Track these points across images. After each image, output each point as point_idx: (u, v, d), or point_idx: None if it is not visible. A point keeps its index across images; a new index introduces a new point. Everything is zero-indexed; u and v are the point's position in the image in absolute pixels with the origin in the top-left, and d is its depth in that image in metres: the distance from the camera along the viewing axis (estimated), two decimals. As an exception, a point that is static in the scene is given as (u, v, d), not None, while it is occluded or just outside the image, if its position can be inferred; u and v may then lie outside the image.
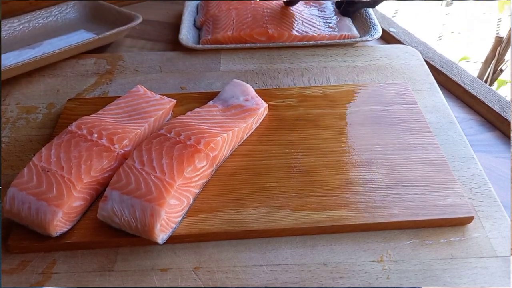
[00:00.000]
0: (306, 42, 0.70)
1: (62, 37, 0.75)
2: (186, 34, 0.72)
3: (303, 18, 0.75)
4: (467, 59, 1.61)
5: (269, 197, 0.46)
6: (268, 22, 0.71)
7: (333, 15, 0.79)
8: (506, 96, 0.63)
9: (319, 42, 0.70)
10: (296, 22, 0.73)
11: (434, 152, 0.51)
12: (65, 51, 0.66)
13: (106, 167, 0.46)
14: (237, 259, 0.43)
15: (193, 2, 0.82)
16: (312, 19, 0.75)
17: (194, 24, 0.78)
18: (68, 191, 0.43)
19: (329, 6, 0.81)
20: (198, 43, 0.73)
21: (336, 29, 0.73)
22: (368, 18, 0.75)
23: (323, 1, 0.82)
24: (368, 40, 0.71)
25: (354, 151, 0.51)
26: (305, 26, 0.73)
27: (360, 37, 0.72)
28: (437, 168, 0.49)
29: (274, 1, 0.79)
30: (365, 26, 0.74)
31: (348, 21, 0.75)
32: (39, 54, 0.65)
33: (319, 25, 0.74)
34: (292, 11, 0.75)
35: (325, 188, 0.47)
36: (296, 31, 0.72)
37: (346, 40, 0.71)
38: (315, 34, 0.72)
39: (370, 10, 0.77)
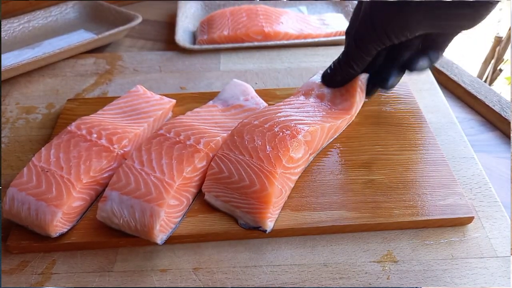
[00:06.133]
0: (303, 40, 0.70)
1: (62, 37, 0.75)
2: (183, 35, 0.72)
3: (298, 16, 0.75)
4: None
5: (269, 197, 0.46)
6: (264, 21, 0.71)
7: (327, 12, 0.80)
8: (501, 92, 0.63)
9: (316, 39, 0.71)
10: (291, 20, 0.73)
11: (435, 152, 0.50)
12: (65, 51, 0.66)
13: (105, 167, 0.46)
14: (237, 259, 0.43)
15: (185, 2, 0.81)
16: (307, 17, 0.75)
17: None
18: (67, 191, 0.43)
19: (323, 5, 0.82)
20: (194, 44, 0.73)
21: (331, 26, 0.74)
22: None
23: (317, 0, 0.83)
24: None
25: (354, 151, 0.51)
26: (300, 24, 0.73)
27: None
28: (437, 168, 0.49)
29: (268, 1, 0.80)
30: None
31: (342, 18, 0.76)
32: (39, 54, 0.65)
33: (313, 22, 0.74)
34: (286, 10, 0.75)
35: (325, 188, 0.47)
36: (292, 29, 0.72)
37: (342, 37, 0.71)
38: (311, 32, 0.72)
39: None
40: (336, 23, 0.75)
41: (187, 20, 0.78)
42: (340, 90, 0.55)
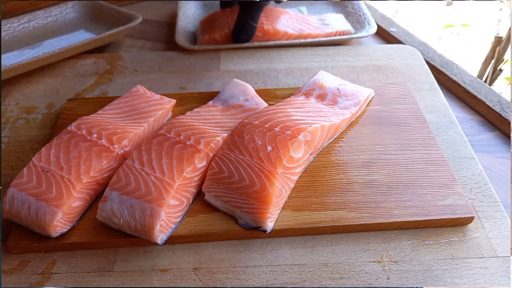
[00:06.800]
0: (303, 40, 0.70)
1: (62, 37, 0.75)
2: (183, 35, 0.72)
3: (298, 16, 0.75)
4: (452, 26, 1.67)
5: (269, 197, 0.46)
6: (264, 19, 0.71)
7: (327, 12, 0.80)
8: (501, 92, 0.62)
9: (316, 40, 0.70)
10: (291, 20, 0.73)
11: (435, 152, 0.50)
12: (65, 51, 0.66)
13: (105, 167, 0.46)
14: (237, 259, 0.43)
15: (185, 2, 0.81)
16: (307, 17, 0.75)
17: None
18: (67, 191, 0.43)
19: (323, 5, 0.82)
20: (195, 43, 0.73)
21: (331, 26, 0.73)
22: (361, 14, 0.76)
23: (316, 0, 0.83)
24: (364, 36, 0.71)
25: (354, 151, 0.51)
26: (300, 24, 0.73)
27: (355, 33, 0.72)
28: (437, 168, 0.49)
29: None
30: (359, 23, 0.75)
31: (342, 18, 0.76)
32: (39, 54, 0.65)
33: (313, 22, 0.74)
34: (286, 11, 0.75)
35: (325, 188, 0.47)
36: (292, 28, 0.72)
37: (342, 37, 0.71)
38: (311, 32, 0.72)
39: (363, 6, 0.78)
40: (336, 23, 0.75)
41: (187, 20, 0.78)
42: (344, 90, 0.56)
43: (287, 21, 0.73)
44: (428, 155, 0.50)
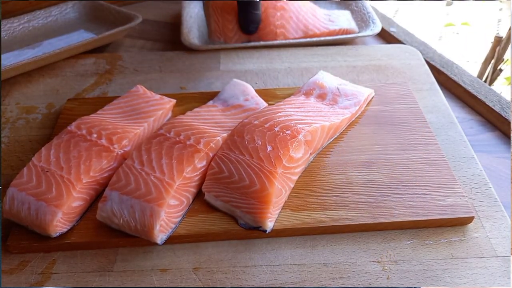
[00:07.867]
0: (303, 40, 0.70)
1: (62, 37, 0.75)
2: (188, 34, 0.72)
3: (307, 12, 0.74)
4: (452, 25, 1.65)
5: (269, 197, 0.46)
6: (278, 18, 0.70)
7: (331, 10, 0.80)
8: (501, 92, 0.63)
9: (321, 38, 0.70)
10: (299, 15, 0.73)
11: (435, 152, 0.50)
12: (65, 51, 0.66)
13: (105, 167, 0.46)
14: (237, 259, 0.43)
15: (189, 2, 0.81)
16: (316, 9, 0.75)
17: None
18: (67, 191, 0.43)
19: (326, 4, 0.83)
20: (202, 43, 0.73)
21: (336, 23, 0.73)
22: (365, 12, 0.76)
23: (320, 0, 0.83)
24: (368, 35, 0.71)
25: (354, 151, 0.51)
26: (306, 18, 0.73)
27: (359, 32, 0.72)
28: (437, 168, 0.49)
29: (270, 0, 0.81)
30: (363, 21, 0.75)
31: (348, 15, 0.76)
32: (39, 54, 0.65)
33: (320, 16, 0.74)
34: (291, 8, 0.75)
35: (325, 188, 0.47)
36: (302, 27, 0.71)
37: (347, 36, 0.71)
38: (315, 28, 0.72)
39: (367, 4, 0.77)
40: (342, 20, 0.74)
41: (192, 20, 0.78)
42: (344, 90, 0.56)
43: (299, 22, 0.72)
44: (428, 155, 0.50)
